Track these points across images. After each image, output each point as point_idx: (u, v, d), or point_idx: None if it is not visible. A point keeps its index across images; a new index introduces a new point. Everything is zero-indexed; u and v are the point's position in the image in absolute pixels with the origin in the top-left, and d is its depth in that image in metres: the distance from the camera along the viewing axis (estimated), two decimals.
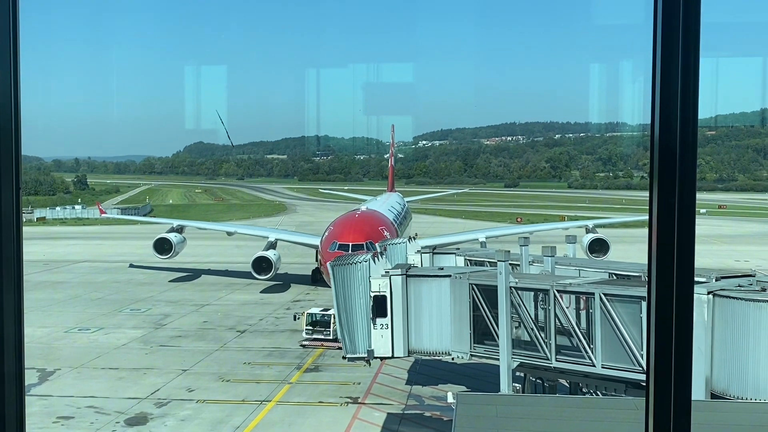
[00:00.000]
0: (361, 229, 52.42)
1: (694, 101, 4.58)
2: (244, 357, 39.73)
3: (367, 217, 58.50)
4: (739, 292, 19.97)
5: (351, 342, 25.73)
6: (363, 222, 55.55)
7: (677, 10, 4.55)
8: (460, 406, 15.06)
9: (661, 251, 4.65)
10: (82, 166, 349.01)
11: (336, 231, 52.98)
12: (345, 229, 52.42)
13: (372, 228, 53.50)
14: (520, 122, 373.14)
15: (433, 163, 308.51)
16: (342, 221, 56.71)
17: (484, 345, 24.52)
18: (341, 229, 53.08)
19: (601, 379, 22.29)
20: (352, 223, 55.03)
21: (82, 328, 46.78)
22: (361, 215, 59.19)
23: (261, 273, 58.00)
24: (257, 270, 58.10)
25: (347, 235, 50.72)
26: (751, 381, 19.12)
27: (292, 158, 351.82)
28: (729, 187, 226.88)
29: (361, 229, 52.12)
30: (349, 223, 55.14)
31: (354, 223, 54.98)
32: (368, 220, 57.28)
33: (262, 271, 58.00)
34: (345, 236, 50.50)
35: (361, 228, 52.71)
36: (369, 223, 55.80)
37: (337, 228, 53.97)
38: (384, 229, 54.61)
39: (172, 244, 64.77)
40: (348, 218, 57.77)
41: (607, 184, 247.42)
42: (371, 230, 52.45)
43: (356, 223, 54.95)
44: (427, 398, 32.65)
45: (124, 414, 30.73)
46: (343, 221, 56.60)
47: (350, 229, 52.41)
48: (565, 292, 22.73)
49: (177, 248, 65.06)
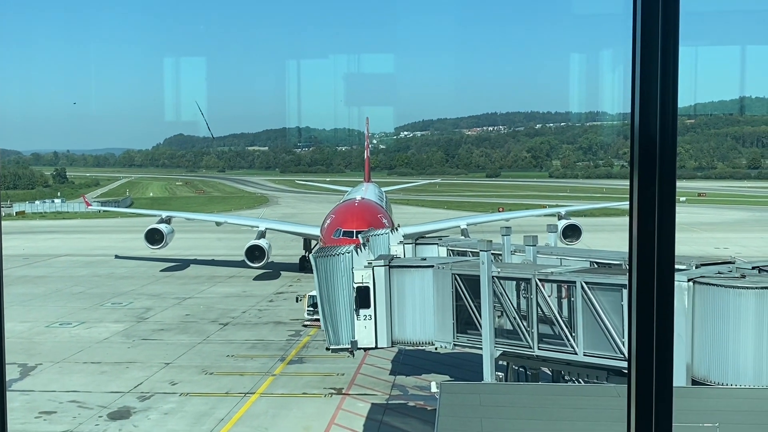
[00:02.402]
0: (363, 216, 54.46)
1: (674, 90, 4.60)
2: (227, 350, 39.66)
3: (366, 206, 60.96)
4: (719, 279, 20.14)
5: (334, 333, 25.73)
6: (363, 210, 57.98)
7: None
8: (443, 395, 15.13)
9: (642, 239, 4.68)
10: (61, 159, 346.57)
11: (339, 218, 54.88)
12: (348, 217, 54.43)
13: (372, 215, 55.95)
14: (501, 112, 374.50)
15: (415, 153, 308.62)
16: (343, 209, 58.87)
17: (467, 334, 24.59)
18: (344, 216, 55.08)
19: (583, 367, 22.43)
20: (353, 210, 57.21)
21: (64, 323, 46.48)
22: (361, 204, 61.33)
23: (254, 261, 60.14)
24: (250, 258, 60.07)
25: (351, 222, 52.38)
26: (731, 366, 19.31)
27: (273, 150, 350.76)
28: (708, 175, 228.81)
29: (363, 217, 54.12)
30: (351, 211, 57.22)
31: (356, 210, 57.21)
32: (367, 208, 59.83)
33: (255, 259, 60.09)
34: (349, 223, 52.11)
35: (363, 216, 54.79)
36: (369, 210, 58.34)
37: (339, 216, 55.95)
38: (382, 216, 57.08)
39: (163, 235, 66.21)
40: (348, 206, 59.96)
41: (588, 174, 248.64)
42: (372, 218, 54.68)
43: (358, 210, 57.20)
44: (411, 388, 32.74)
45: (107, 408, 30.59)
46: (344, 209, 58.74)
47: (353, 216, 54.41)
48: (547, 281, 22.83)
49: (167, 239, 66.53)
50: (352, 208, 58.40)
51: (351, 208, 58.49)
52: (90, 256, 76.24)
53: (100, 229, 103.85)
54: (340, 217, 55.48)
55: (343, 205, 61.40)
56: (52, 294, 56.24)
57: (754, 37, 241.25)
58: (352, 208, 58.43)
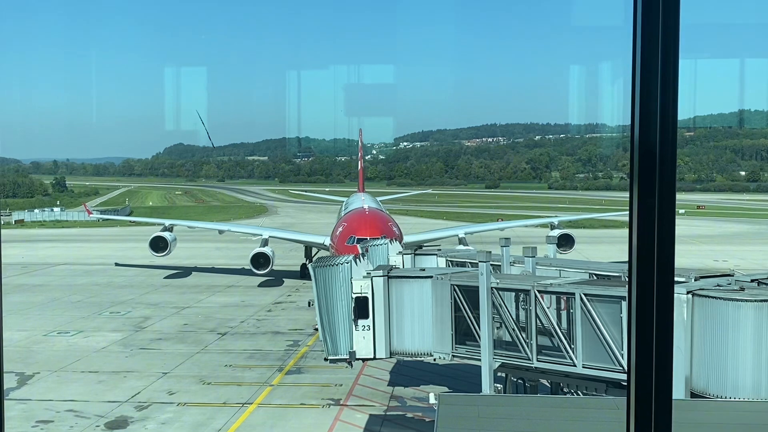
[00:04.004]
0: (376, 224, 55.20)
1: (674, 102, 4.61)
2: (225, 359, 39.56)
3: (376, 214, 61.82)
4: (718, 291, 20.10)
5: (333, 343, 25.67)
6: (375, 218, 58.85)
7: (656, 11, 4.58)
8: (441, 406, 15.07)
9: (642, 251, 4.68)
10: (60, 168, 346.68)
11: (352, 226, 55.52)
12: (362, 224, 55.07)
13: (384, 223, 56.75)
14: (501, 123, 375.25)
15: (414, 164, 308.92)
16: (355, 217, 59.37)
17: (465, 345, 24.54)
18: (357, 224, 55.71)
19: (581, 379, 22.37)
20: (366, 218, 57.91)
21: (62, 331, 46.37)
22: (371, 212, 62.12)
23: (259, 268, 61.36)
24: (255, 265, 61.35)
25: (365, 229, 52.94)
26: (730, 380, 19.26)
27: (272, 160, 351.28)
28: (707, 187, 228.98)
29: (376, 225, 54.88)
30: (364, 218, 57.96)
31: (368, 218, 57.92)
32: (378, 216, 60.75)
33: (260, 267, 61.33)
34: (362, 230, 52.64)
35: (376, 223, 55.58)
36: (380, 218, 59.25)
37: (352, 223, 56.60)
38: (392, 224, 57.84)
39: (168, 242, 67.02)
40: (360, 214, 60.50)
41: (587, 185, 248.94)
42: (383, 225, 55.46)
43: (370, 218, 57.89)
44: (409, 399, 32.64)
45: (104, 417, 30.48)
46: (356, 217, 59.23)
47: (366, 224, 55.13)
48: (546, 293, 22.80)
49: (171, 246, 67.45)
50: (364, 216, 59.01)
51: (363, 216, 59.07)
52: (89, 265, 76.13)
53: (99, 238, 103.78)
54: (353, 224, 55.97)
55: (355, 213, 61.71)
56: (51, 302, 56.12)
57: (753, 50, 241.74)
58: (364, 216, 59.03)
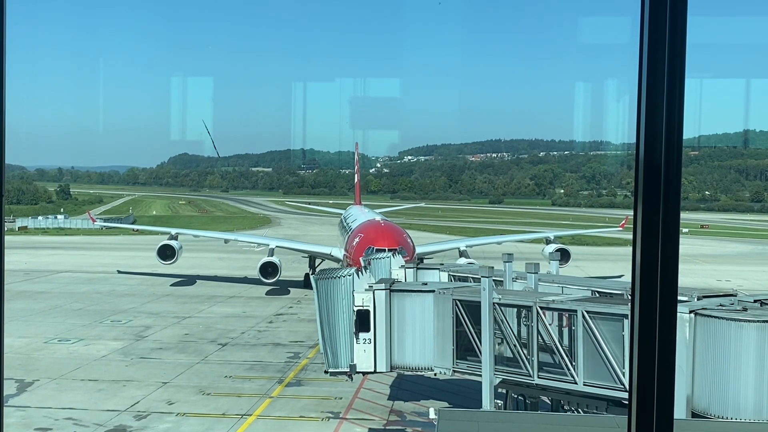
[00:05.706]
0: (392, 235, 56.22)
1: (679, 120, 4.62)
2: (226, 370, 39.48)
3: (390, 225, 62.77)
4: (720, 311, 20.03)
5: (333, 356, 25.60)
6: (391, 229, 59.98)
7: (663, 30, 4.59)
8: (441, 422, 15.01)
9: (645, 269, 4.67)
10: (65, 175, 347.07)
11: (369, 237, 56.21)
12: (379, 236, 55.80)
13: (399, 234, 57.87)
14: (506, 139, 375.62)
15: (418, 178, 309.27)
16: (371, 228, 59.93)
17: (466, 361, 24.46)
18: (375, 235, 56.45)
19: (582, 397, 22.27)
20: (381, 229, 58.70)
21: (62, 339, 46.33)
22: (385, 223, 63.01)
23: (267, 277, 62.99)
24: (264, 274, 62.91)
25: (382, 240, 53.63)
26: (731, 400, 19.17)
27: (277, 171, 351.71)
28: (711, 207, 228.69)
29: (392, 236, 55.85)
30: (380, 229, 58.74)
31: (384, 229, 58.79)
32: (392, 227, 61.87)
33: (269, 275, 62.97)
34: (380, 241, 53.29)
35: (392, 234, 56.69)
36: (395, 230, 60.38)
37: (369, 234, 57.25)
38: (406, 236, 58.71)
39: (175, 251, 68.28)
40: (375, 225, 61.13)
41: (591, 202, 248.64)
42: (399, 236, 56.56)
43: (385, 230, 58.79)
44: (409, 414, 32.52)
45: (103, 426, 30.40)
46: (372, 228, 59.81)
47: (384, 235, 55.96)
48: (548, 309, 22.74)
49: (178, 254, 68.76)
50: (380, 227, 59.73)
51: (378, 227, 59.77)
52: (91, 273, 76.18)
53: (102, 246, 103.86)
54: (370, 235, 56.58)
55: (369, 225, 62.24)
56: (52, 310, 56.12)
57: (759, 70, 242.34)
58: (379, 227, 59.72)
